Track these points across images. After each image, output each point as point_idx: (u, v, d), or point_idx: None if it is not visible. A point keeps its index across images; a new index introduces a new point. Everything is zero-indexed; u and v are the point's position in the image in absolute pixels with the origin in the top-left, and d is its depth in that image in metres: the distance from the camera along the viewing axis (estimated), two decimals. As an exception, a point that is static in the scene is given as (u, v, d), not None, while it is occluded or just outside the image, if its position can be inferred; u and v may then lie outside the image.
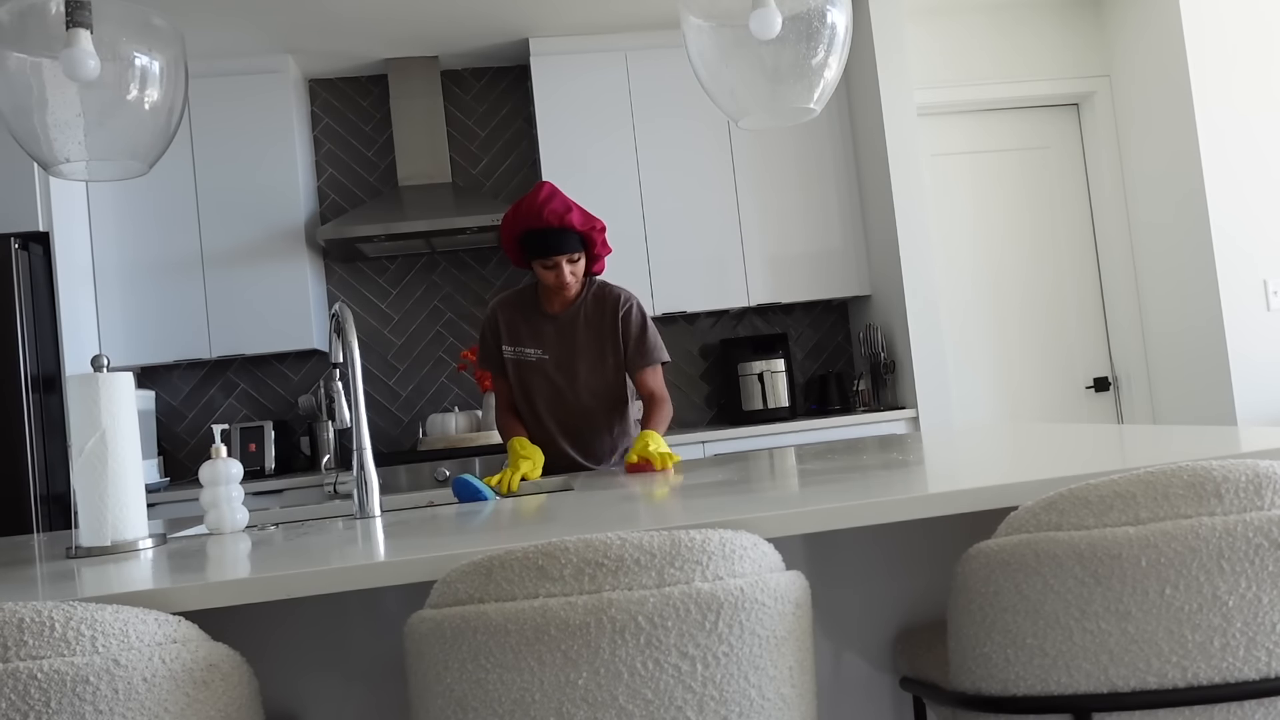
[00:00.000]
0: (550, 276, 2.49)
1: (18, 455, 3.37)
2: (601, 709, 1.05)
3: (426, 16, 4.03)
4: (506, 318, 2.61)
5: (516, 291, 2.66)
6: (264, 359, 4.42)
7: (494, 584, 1.08)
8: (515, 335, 2.59)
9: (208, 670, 1.09)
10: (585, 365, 2.57)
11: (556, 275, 2.48)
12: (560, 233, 2.45)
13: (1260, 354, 4.07)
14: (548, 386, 2.58)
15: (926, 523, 1.66)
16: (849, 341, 4.77)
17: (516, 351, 2.59)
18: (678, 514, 1.36)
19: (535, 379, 2.58)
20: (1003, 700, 1.20)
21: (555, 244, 2.45)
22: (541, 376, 2.57)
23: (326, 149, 4.55)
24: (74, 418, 1.58)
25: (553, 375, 2.57)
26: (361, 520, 1.76)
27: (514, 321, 2.60)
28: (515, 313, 2.61)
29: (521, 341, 2.59)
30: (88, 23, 1.66)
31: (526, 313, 2.61)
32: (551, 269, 2.48)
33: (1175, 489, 1.13)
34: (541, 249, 2.45)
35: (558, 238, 2.45)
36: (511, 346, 2.59)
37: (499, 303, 2.64)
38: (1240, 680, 1.12)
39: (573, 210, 2.45)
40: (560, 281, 2.49)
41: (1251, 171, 4.12)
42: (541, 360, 2.58)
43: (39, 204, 3.59)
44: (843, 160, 4.47)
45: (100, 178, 1.85)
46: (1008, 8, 4.66)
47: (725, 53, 1.96)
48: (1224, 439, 1.60)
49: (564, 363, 2.57)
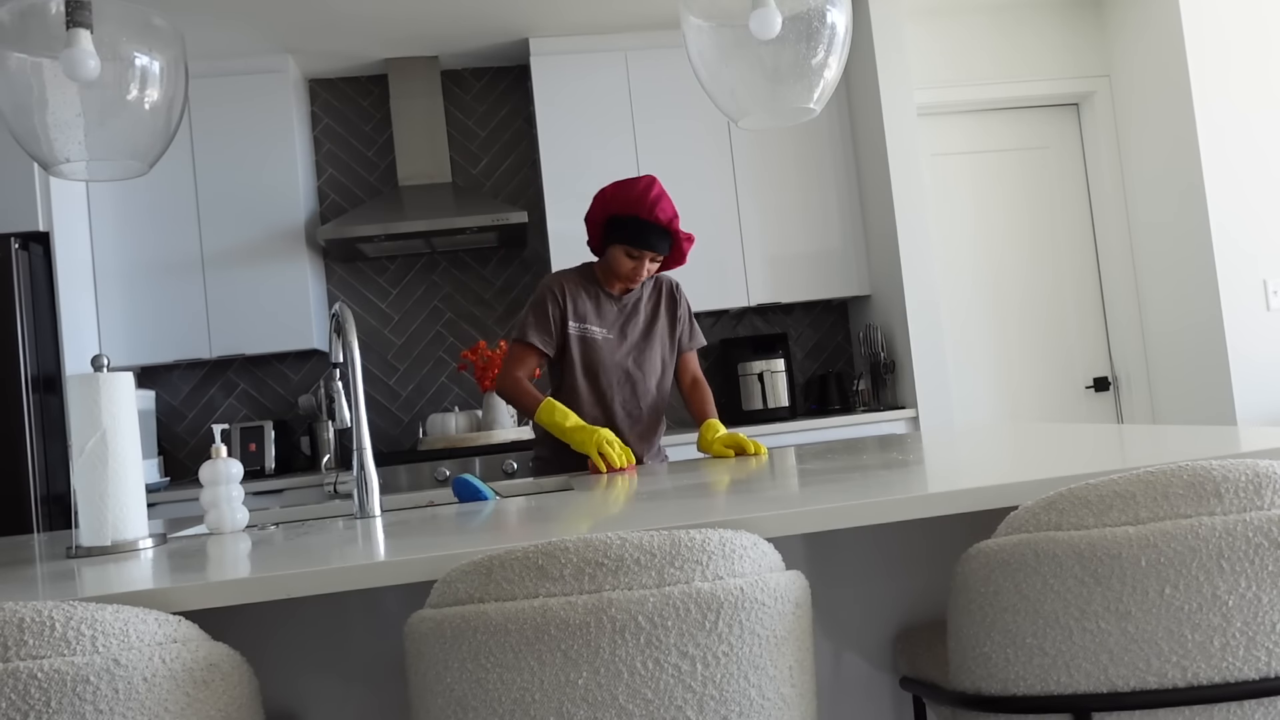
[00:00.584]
0: (628, 266, 2.50)
1: (18, 455, 3.37)
2: (601, 709, 1.05)
3: (426, 16, 4.03)
4: (573, 294, 2.57)
5: (575, 270, 2.63)
6: (264, 359, 4.42)
7: (494, 584, 1.08)
8: (581, 312, 2.56)
9: (208, 670, 1.09)
10: (650, 348, 2.60)
11: (635, 268, 2.50)
12: (662, 233, 2.46)
13: (1260, 354, 4.07)
14: (617, 368, 2.57)
15: (926, 523, 1.66)
16: (849, 341, 4.77)
17: (582, 329, 2.56)
18: (678, 514, 1.36)
19: (603, 359, 2.56)
20: (1003, 700, 1.20)
21: (653, 242, 2.46)
22: (609, 357, 2.56)
23: (326, 149, 4.55)
24: (74, 418, 1.58)
25: (621, 357, 2.57)
26: (361, 520, 1.76)
27: (579, 298, 2.57)
28: (580, 290, 2.58)
29: (587, 319, 2.56)
30: (88, 23, 1.66)
31: (590, 291, 2.59)
32: (635, 260, 2.49)
33: (1175, 489, 1.13)
34: (637, 240, 2.45)
35: (658, 237, 2.46)
36: (578, 323, 2.56)
37: (563, 278, 2.59)
38: (1240, 680, 1.12)
39: (678, 217, 2.48)
40: (636, 275, 2.52)
41: (1251, 171, 4.12)
42: (607, 340, 2.57)
43: (39, 204, 3.59)
44: (843, 160, 4.47)
45: (100, 178, 1.85)
46: (1008, 8, 4.66)
47: (725, 53, 1.96)
48: (1224, 439, 1.60)
49: (630, 345, 2.58)
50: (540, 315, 2.55)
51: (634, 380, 2.58)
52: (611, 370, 2.56)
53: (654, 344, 2.61)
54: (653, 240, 2.46)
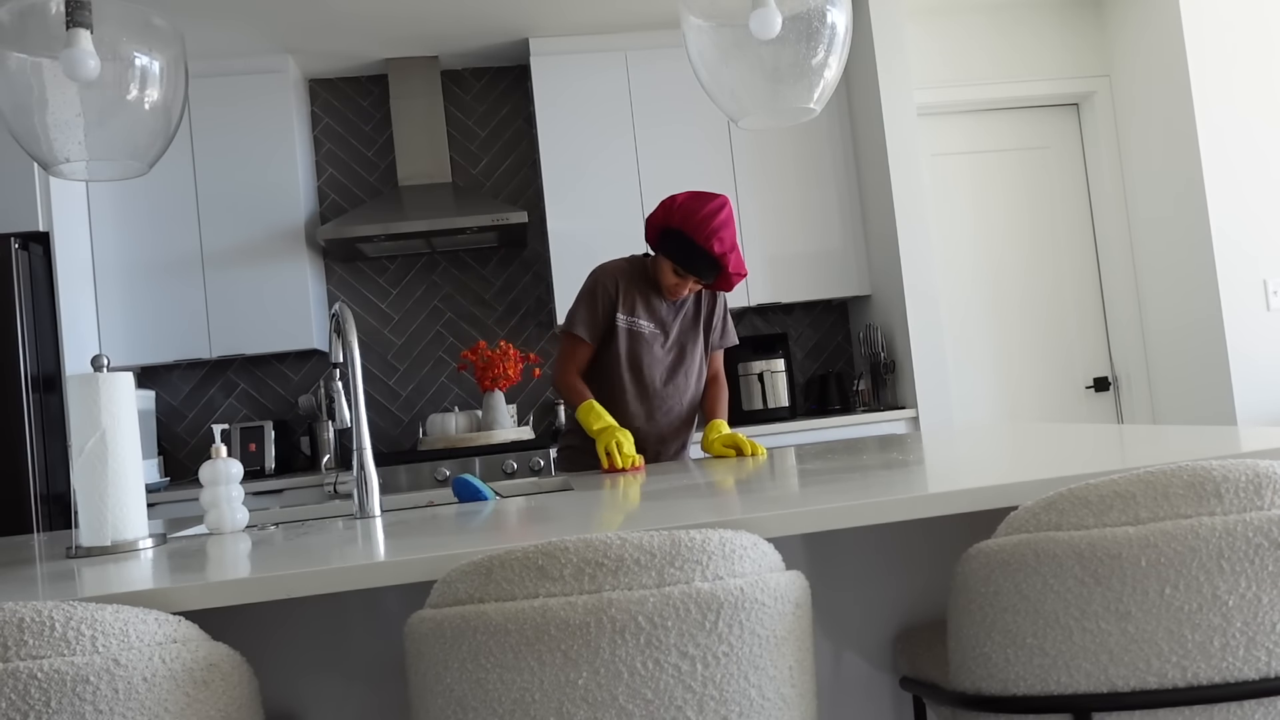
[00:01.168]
0: (671, 281, 2.50)
1: (18, 455, 3.37)
2: (601, 709, 1.05)
3: (426, 16, 4.03)
4: (624, 286, 2.56)
5: (627, 262, 2.62)
6: (264, 359, 4.42)
7: (494, 584, 1.08)
8: (631, 305, 2.55)
9: (208, 670, 1.09)
10: (692, 344, 2.61)
11: (678, 286, 2.50)
12: (713, 262, 2.44)
13: (1260, 354, 4.07)
14: (660, 363, 2.57)
15: (926, 523, 1.66)
16: (849, 341, 4.77)
17: (630, 321, 2.55)
18: (678, 514, 1.36)
19: (648, 353, 2.55)
20: (1003, 700, 1.20)
21: (701, 269, 2.44)
22: (654, 351, 2.56)
23: (326, 149, 4.55)
24: (74, 418, 1.58)
25: (665, 352, 2.57)
26: (361, 520, 1.76)
27: (630, 291, 2.56)
28: (631, 283, 2.57)
29: (636, 312, 2.55)
30: (88, 23, 1.66)
31: (640, 285, 2.58)
32: (679, 279, 2.49)
33: (1175, 489, 1.13)
34: (686, 262, 2.43)
35: (707, 265, 2.44)
36: (626, 315, 2.55)
37: (615, 270, 2.58)
38: (1240, 680, 1.12)
39: (734, 251, 2.44)
40: (677, 292, 2.51)
41: (1251, 171, 4.12)
42: (654, 334, 2.57)
43: (39, 204, 3.60)
44: (843, 160, 4.47)
45: (100, 178, 1.85)
46: (1007, 8, 4.66)
47: (725, 53, 1.96)
48: (1224, 439, 1.60)
49: (674, 340, 2.59)
50: (590, 308, 2.54)
51: (675, 375, 2.59)
52: (655, 364, 2.57)
53: (695, 340, 2.62)
54: (700, 267, 2.43)
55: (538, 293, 4.62)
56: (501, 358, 4.11)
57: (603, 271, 2.57)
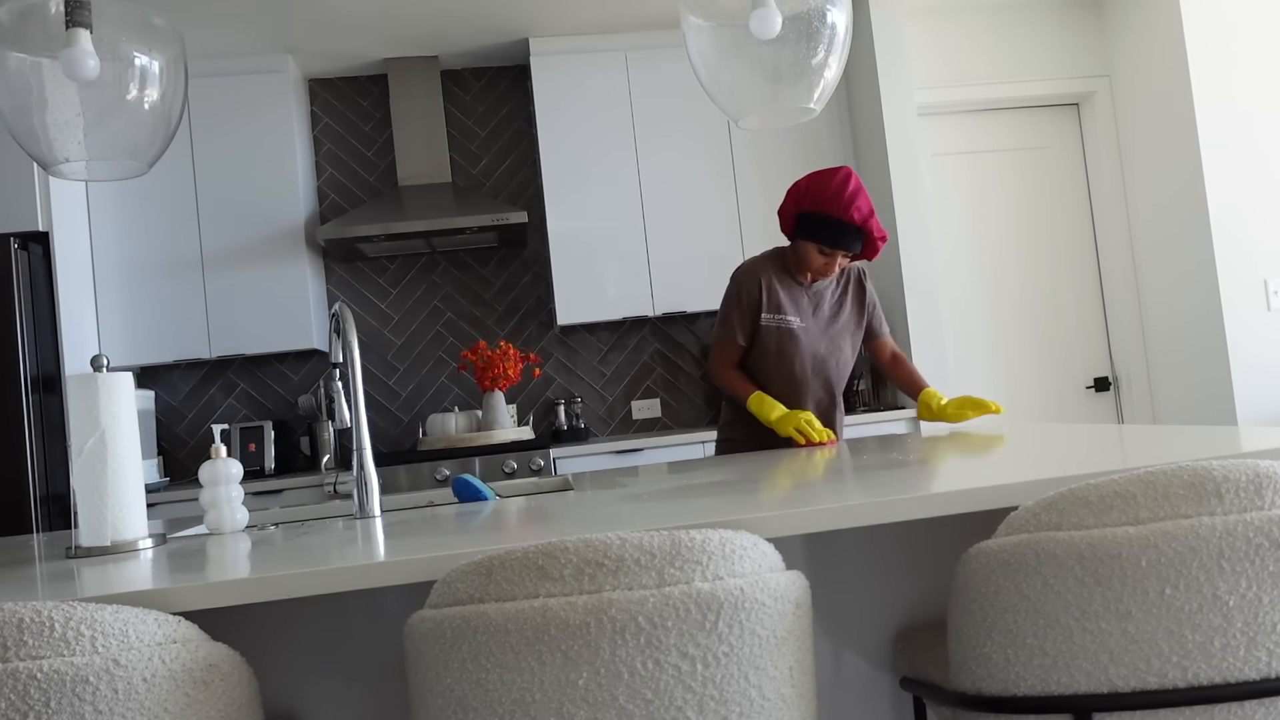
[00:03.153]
0: (819, 262, 2.51)
1: (18, 455, 3.37)
2: (601, 709, 1.05)
3: (426, 16, 4.03)
4: (767, 285, 2.58)
5: (767, 259, 2.64)
6: (264, 359, 4.42)
7: (494, 584, 1.08)
8: (775, 302, 2.58)
9: (208, 670, 1.09)
10: (840, 335, 2.63)
11: (826, 264, 2.51)
12: (856, 232, 2.45)
13: (1260, 354, 4.07)
14: (810, 356, 2.59)
15: (926, 523, 1.66)
16: (849, 341, 4.77)
17: (777, 319, 2.58)
18: (678, 514, 1.36)
19: (796, 348, 2.58)
20: (1003, 700, 1.19)
21: (846, 242, 2.45)
22: (803, 345, 2.58)
23: (326, 149, 4.55)
24: (74, 418, 1.58)
25: (813, 344, 2.60)
26: (361, 520, 1.75)
27: (773, 289, 2.59)
28: (774, 280, 2.60)
29: (782, 309, 2.58)
30: (88, 22, 1.66)
31: (783, 281, 2.60)
32: (827, 257, 2.50)
33: (1175, 489, 1.13)
34: (830, 239, 2.45)
35: (851, 236, 2.45)
36: (772, 314, 2.58)
37: (756, 269, 2.61)
38: (1240, 680, 1.12)
39: (874, 217, 2.46)
40: (827, 271, 2.53)
41: (1252, 171, 4.12)
42: (802, 328, 2.59)
43: (39, 204, 3.59)
44: (843, 160, 4.47)
45: (100, 178, 1.85)
46: (1007, 8, 4.66)
47: (725, 53, 1.96)
48: (1224, 439, 1.60)
49: (821, 331, 2.61)
50: (739, 312, 2.60)
51: (825, 366, 2.62)
52: (805, 358, 2.59)
53: (843, 331, 2.65)
54: (845, 240, 2.45)
55: (538, 293, 4.62)
56: (501, 358, 4.11)
57: (744, 274, 2.61)
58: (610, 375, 4.61)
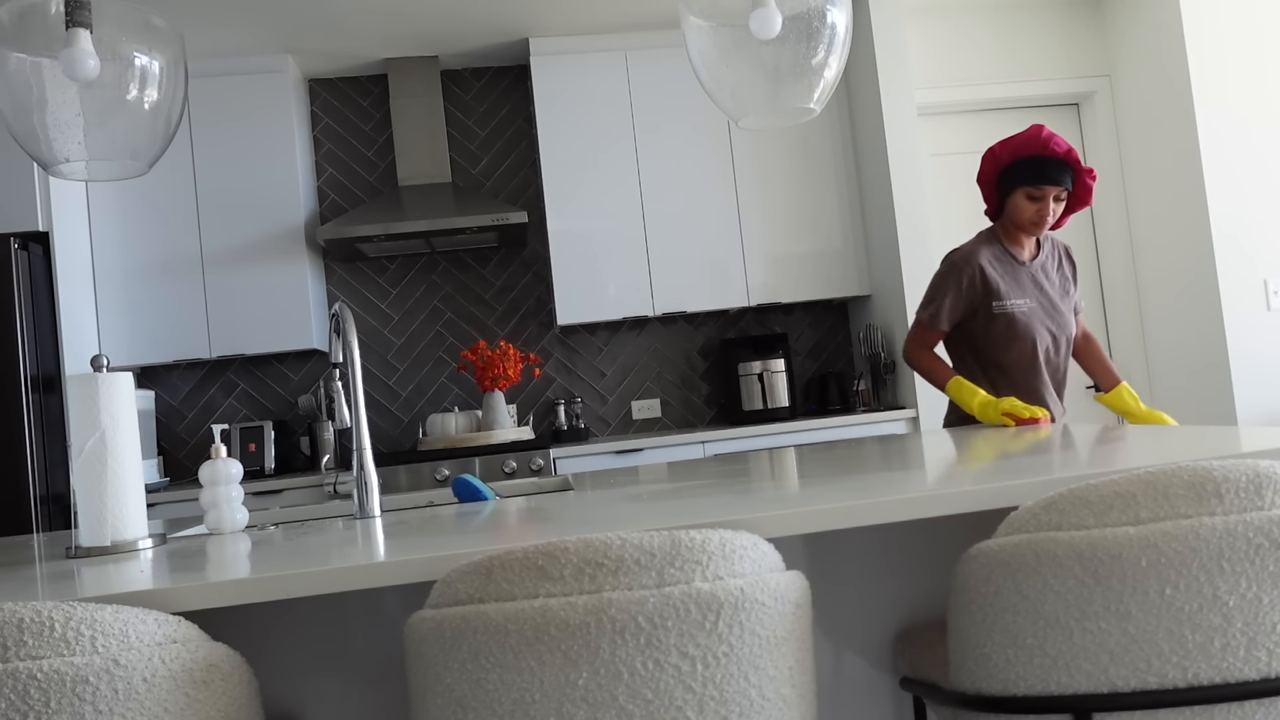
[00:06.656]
0: (1032, 210, 2.47)
1: (18, 455, 3.37)
2: (601, 709, 1.05)
3: (426, 16, 4.03)
4: (986, 273, 2.52)
5: (981, 241, 2.59)
6: (264, 359, 4.42)
7: (494, 584, 1.08)
8: (999, 290, 2.52)
9: (208, 670, 1.09)
10: (1065, 309, 2.59)
11: (1039, 210, 2.46)
12: (1061, 165, 2.42)
13: (1260, 354, 4.07)
14: (1043, 334, 2.54)
15: (926, 523, 1.66)
16: (849, 341, 4.77)
17: (1004, 305, 2.52)
18: (678, 514, 1.36)
19: (1030, 328, 2.52)
20: (1003, 700, 1.19)
21: (1055, 175, 2.42)
22: (1035, 325, 2.53)
23: (326, 149, 4.55)
24: (74, 418, 1.58)
25: (1043, 321, 2.54)
26: (361, 520, 1.75)
27: (993, 275, 2.53)
28: (992, 264, 2.54)
29: (1008, 294, 2.52)
30: (88, 22, 1.66)
31: (1002, 263, 2.56)
32: (1038, 200, 2.46)
33: (1175, 489, 1.13)
34: (1038, 176, 2.42)
35: (1058, 169, 2.42)
36: (999, 301, 2.51)
37: (973, 255, 2.54)
38: (1241, 680, 1.12)
39: (1075, 149, 2.44)
40: (1041, 215, 2.47)
41: (1252, 171, 4.12)
42: (1031, 309, 2.53)
43: (39, 204, 3.59)
44: (843, 160, 4.47)
45: (100, 178, 1.85)
46: (1007, 8, 4.66)
47: (725, 53, 1.96)
48: (1224, 439, 1.60)
49: (1048, 308, 2.56)
50: (955, 296, 2.53)
51: (1057, 343, 2.58)
52: (1038, 337, 2.54)
53: (1065, 304, 2.61)
54: (1052, 173, 2.41)
55: (538, 293, 4.62)
56: (501, 358, 4.11)
57: (962, 259, 2.54)
58: (610, 375, 4.61)
